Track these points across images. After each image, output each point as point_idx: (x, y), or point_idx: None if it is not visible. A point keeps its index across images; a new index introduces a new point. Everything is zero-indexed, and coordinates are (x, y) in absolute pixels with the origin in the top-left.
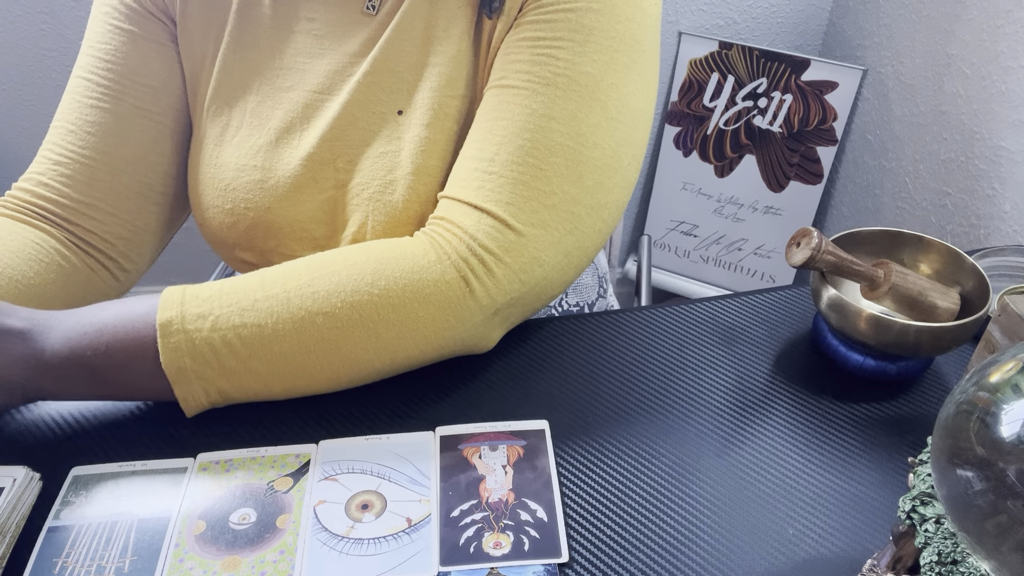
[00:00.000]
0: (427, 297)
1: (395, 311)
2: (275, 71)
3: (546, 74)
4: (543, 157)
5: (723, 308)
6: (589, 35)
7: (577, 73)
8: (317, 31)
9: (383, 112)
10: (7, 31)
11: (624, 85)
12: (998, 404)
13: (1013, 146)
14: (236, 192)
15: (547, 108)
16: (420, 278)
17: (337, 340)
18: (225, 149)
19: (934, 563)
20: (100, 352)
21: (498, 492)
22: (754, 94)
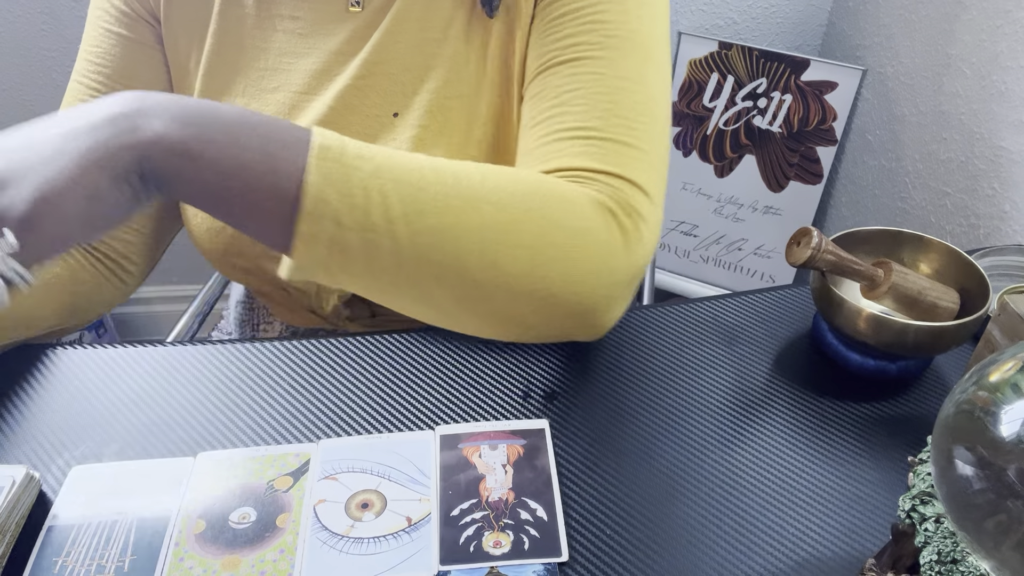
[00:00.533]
0: (590, 231)
1: (560, 232)
2: (259, 72)
3: (600, 39)
4: (632, 116)
5: (723, 308)
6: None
7: (628, 32)
8: (301, 30)
9: (377, 115)
10: (7, 31)
11: (662, 35)
12: (998, 404)
13: (1013, 146)
14: None
15: (615, 70)
16: (588, 212)
17: (495, 238)
18: None
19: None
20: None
21: (498, 491)
22: (754, 94)
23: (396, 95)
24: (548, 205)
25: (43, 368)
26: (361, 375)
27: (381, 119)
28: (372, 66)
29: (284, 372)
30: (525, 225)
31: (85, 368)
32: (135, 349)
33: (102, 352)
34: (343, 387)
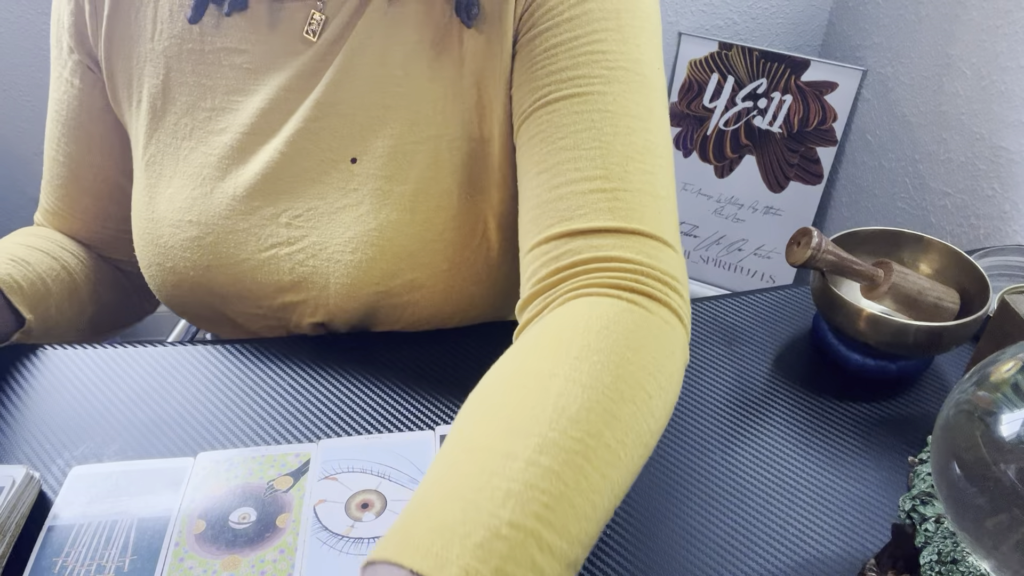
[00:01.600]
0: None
1: (653, 377)
2: (206, 113)
3: (602, 72)
4: (644, 159)
5: (723, 308)
6: (619, 18)
7: (630, 62)
8: (249, 64)
9: (334, 160)
10: (7, 31)
11: (658, 60)
12: (998, 404)
13: (1013, 146)
14: (174, 251)
15: (624, 107)
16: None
17: (631, 449)
18: (159, 203)
19: (934, 562)
20: None
21: None
22: (754, 95)
23: (353, 138)
24: (632, 372)
25: (43, 368)
26: (361, 375)
27: (337, 164)
28: (326, 106)
29: (284, 372)
30: (639, 419)
31: (85, 368)
32: (135, 349)
33: (102, 352)
34: (343, 387)
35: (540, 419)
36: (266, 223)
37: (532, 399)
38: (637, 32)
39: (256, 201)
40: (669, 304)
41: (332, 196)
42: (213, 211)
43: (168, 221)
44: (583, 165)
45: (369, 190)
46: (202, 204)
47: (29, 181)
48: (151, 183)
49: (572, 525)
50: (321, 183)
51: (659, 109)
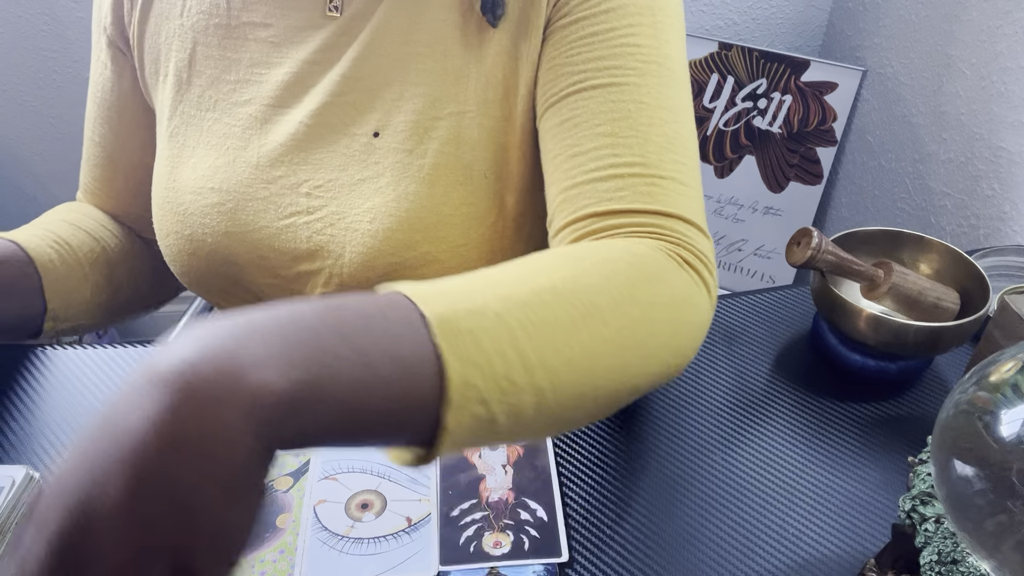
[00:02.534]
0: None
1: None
2: (231, 85)
3: (637, 64)
4: (679, 150)
5: (723, 308)
6: (653, 15)
7: (662, 57)
8: (273, 38)
9: (356, 134)
10: (7, 31)
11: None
12: (998, 404)
13: (1013, 146)
14: (193, 217)
15: (657, 99)
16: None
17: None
18: (182, 172)
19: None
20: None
21: (498, 491)
22: (754, 95)
23: (376, 112)
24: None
25: (43, 368)
26: None
27: (360, 138)
28: (351, 81)
29: None
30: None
31: (85, 368)
32: (135, 349)
33: (102, 352)
34: None
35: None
36: (286, 192)
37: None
38: (668, 29)
39: (278, 171)
40: (702, 274)
41: (353, 168)
42: (235, 179)
43: (189, 188)
44: (621, 151)
45: (390, 163)
46: (224, 172)
47: (29, 181)
48: (174, 153)
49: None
50: (343, 155)
51: (687, 104)
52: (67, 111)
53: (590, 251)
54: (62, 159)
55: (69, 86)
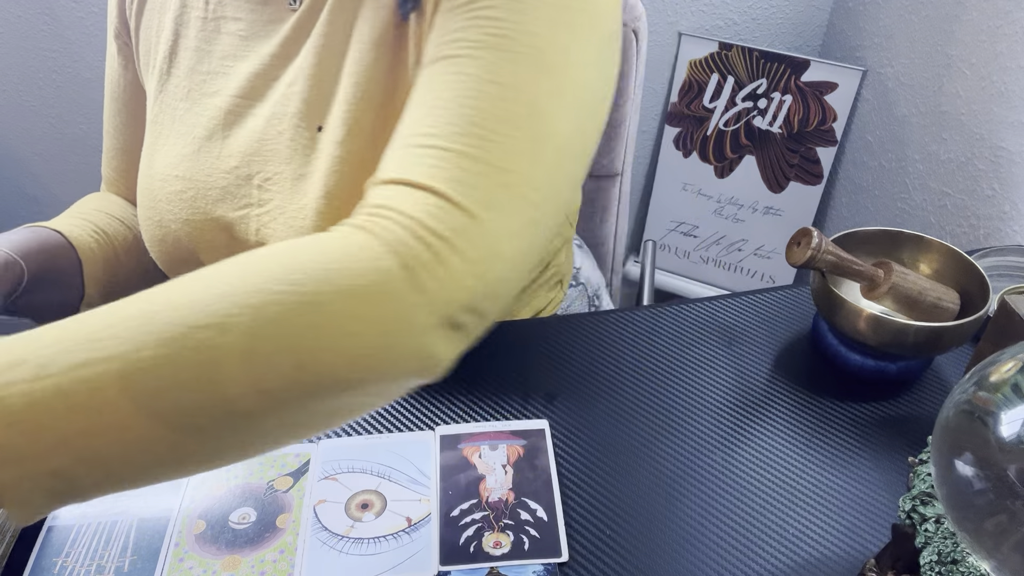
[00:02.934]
0: (359, 290)
1: (316, 311)
2: (203, 76)
3: (483, 36)
4: (492, 127)
5: (723, 308)
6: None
7: (520, 33)
8: (243, 32)
9: (303, 127)
10: (7, 31)
11: (579, 53)
12: (998, 404)
13: (1013, 146)
14: (161, 203)
15: (490, 73)
16: (348, 267)
17: (235, 362)
18: (157, 159)
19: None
20: None
21: (498, 492)
22: (754, 95)
23: (320, 106)
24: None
25: None
26: None
27: (306, 132)
28: (303, 74)
29: None
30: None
31: None
32: None
33: None
34: None
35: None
36: (242, 183)
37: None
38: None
39: (235, 161)
40: (408, 261)
41: (297, 162)
42: (197, 167)
43: (160, 175)
44: (420, 122)
45: (326, 157)
46: (189, 160)
47: (29, 181)
48: (152, 140)
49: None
50: (290, 148)
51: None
52: (67, 111)
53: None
54: (62, 159)
55: (69, 86)
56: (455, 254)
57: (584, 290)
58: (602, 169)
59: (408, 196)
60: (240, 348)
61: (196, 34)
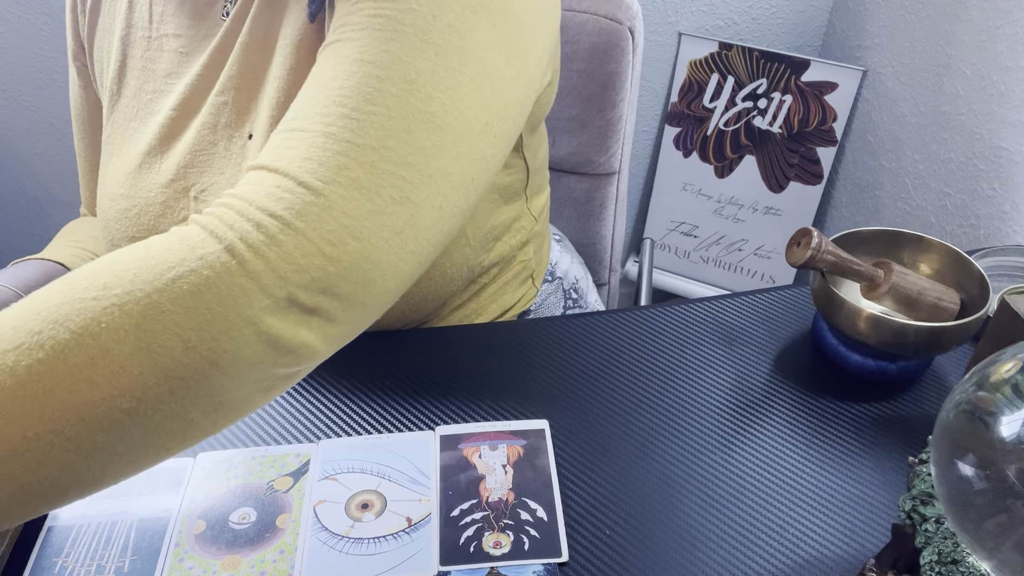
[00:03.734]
0: (173, 282)
1: (127, 315)
2: (149, 95)
3: (363, 19)
4: (357, 105)
5: (723, 308)
6: None
7: (398, 11)
8: (183, 48)
9: (234, 136)
10: (7, 31)
11: (469, 31)
12: (998, 404)
13: (1013, 146)
14: (109, 223)
15: (360, 52)
16: (161, 260)
17: (43, 387)
18: (107, 178)
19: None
20: None
21: (498, 492)
22: (754, 95)
23: (250, 113)
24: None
25: None
26: (361, 375)
27: (237, 140)
28: (231, 82)
29: None
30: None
31: None
32: None
33: None
34: (343, 387)
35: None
36: (179, 196)
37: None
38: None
39: (172, 175)
40: (231, 243)
41: (231, 171)
42: (140, 185)
43: (108, 195)
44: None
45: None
46: (132, 179)
47: (29, 181)
48: (105, 160)
49: None
50: (223, 158)
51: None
52: (67, 111)
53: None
54: (62, 159)
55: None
56: (292, 233)
57: (560, 284)
58: (599, 168)
59: (256, 180)
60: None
61: (142, 54)
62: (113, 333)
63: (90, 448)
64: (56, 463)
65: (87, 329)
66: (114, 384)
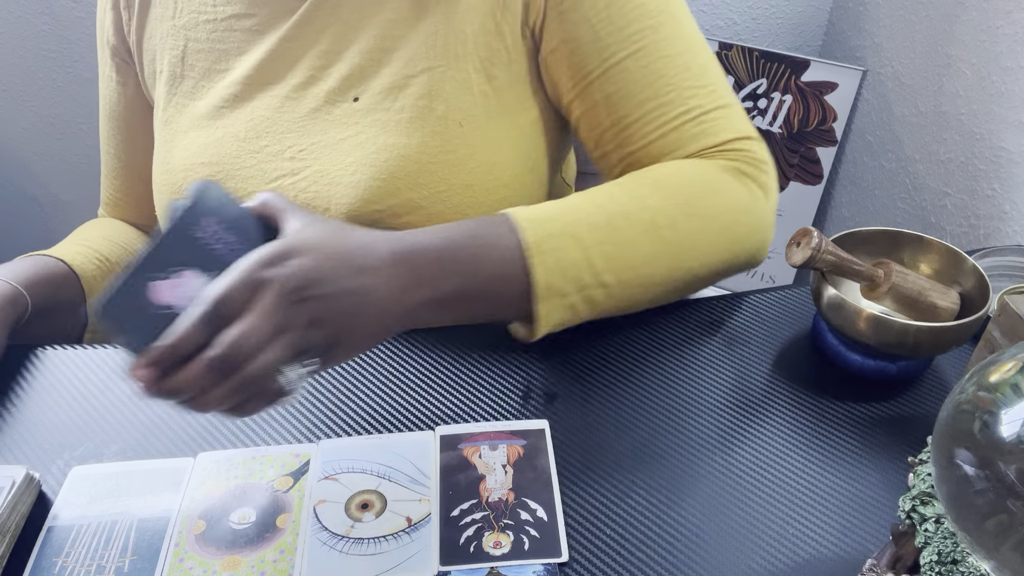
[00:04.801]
0: (742, 207)
1: (723, 219)
2: (220, 73)
3: (649, 22)
4: (711, 79)
5: (723, 308)
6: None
7: (660, 3)
8: (256, 26)
9: (337, 101)
10: (7, 31)
11: (680, 8)
12: (998, 404)
13: (1013, 146)
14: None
15: (676, 46)
16: (734, 189)
17: (680, 253)
18: (174, 154)
19: (934, 563)
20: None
21: (498, 492)
22: (754, 95)
23: (355, 80)
24: (705, 203)
25: (43, 368)
26: (361, 375)
27: (341, 104)
28: (330, 55)
29: None
30: (698, 233)
31: (85, 368)
32: None
33: (102, 352)
34: (343, 387)
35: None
36: (272, 159)
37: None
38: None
39: (263, 140)
40: (757, 179)
41: (334, 131)
42: (223, 152)
43: (182, 167)
44: (665, 110)
45: (369, 121)
46: (213, 148)
47: (29, 181)
48: (167, 139)
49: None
50: (325, 120)
51: (695, 31)
52: (67, 111)
53: (657, 177)
54: (62, 159)
55: (69, 86)
56: (770, 168)
57: None
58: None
59: (728, 148)
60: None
61: (208, 36)
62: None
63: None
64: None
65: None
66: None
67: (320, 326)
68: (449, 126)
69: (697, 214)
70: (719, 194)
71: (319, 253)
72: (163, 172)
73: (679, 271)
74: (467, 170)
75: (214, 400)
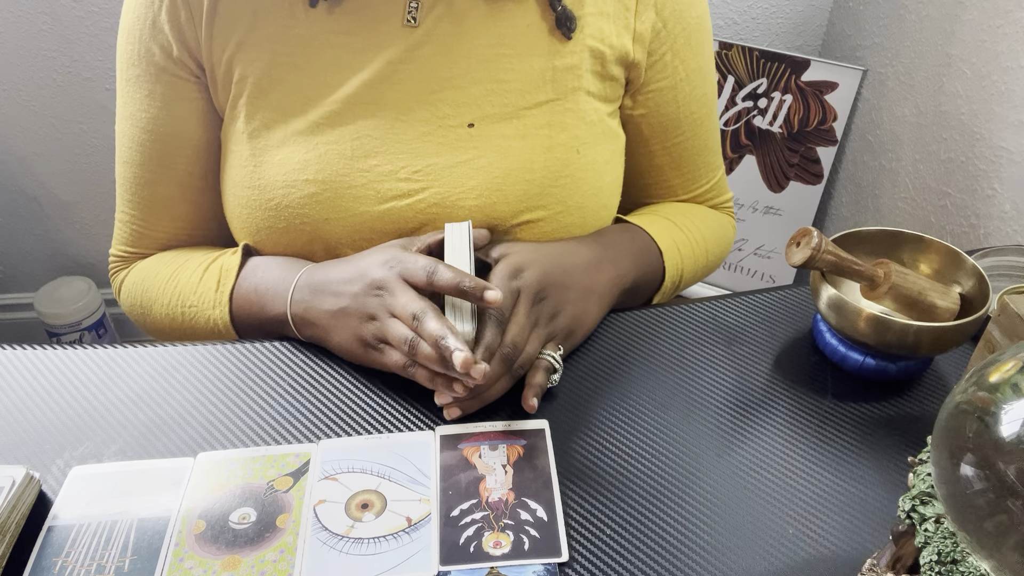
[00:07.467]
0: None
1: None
2: (316, 88)
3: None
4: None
5: (723, 308)
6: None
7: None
8: (356, 44)
9: (451, 126)
10: (7, 31)
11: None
12: (998, 404)
13: (1013, 146)
14: (290, 209)
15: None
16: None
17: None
18: (267, 169)
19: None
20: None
21: (498, 492)
22: (754, 94)
23: (470, 107)
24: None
25: (43, 368)
26: (361, 375)
27: (455, 129)
28: (442, 80)
29: (284, 372)
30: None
31: (85, 368)
32: (135, 349)
33: (102, 352)
34: (343, 387)
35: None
36: (383, 179)
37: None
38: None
39: (373, 160)
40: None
41: (450, 154)
42: (330, 169)
43: (280, 183)
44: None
45: (490, 146)
46: (316, 164)
47: (29, 181)
48: (255, 153)
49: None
50: (438, 143)
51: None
52: (67, 111)
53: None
54: (62, 159)
55: (69, 86)
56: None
57: None
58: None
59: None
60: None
61: (302, 50)
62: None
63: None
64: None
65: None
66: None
67: (559, 316)
68: (568, 152)
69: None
70: (725, 235)
71: (541, 263)
72: (250, 188)
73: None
74: (581, 192)
75: (499, 388)
